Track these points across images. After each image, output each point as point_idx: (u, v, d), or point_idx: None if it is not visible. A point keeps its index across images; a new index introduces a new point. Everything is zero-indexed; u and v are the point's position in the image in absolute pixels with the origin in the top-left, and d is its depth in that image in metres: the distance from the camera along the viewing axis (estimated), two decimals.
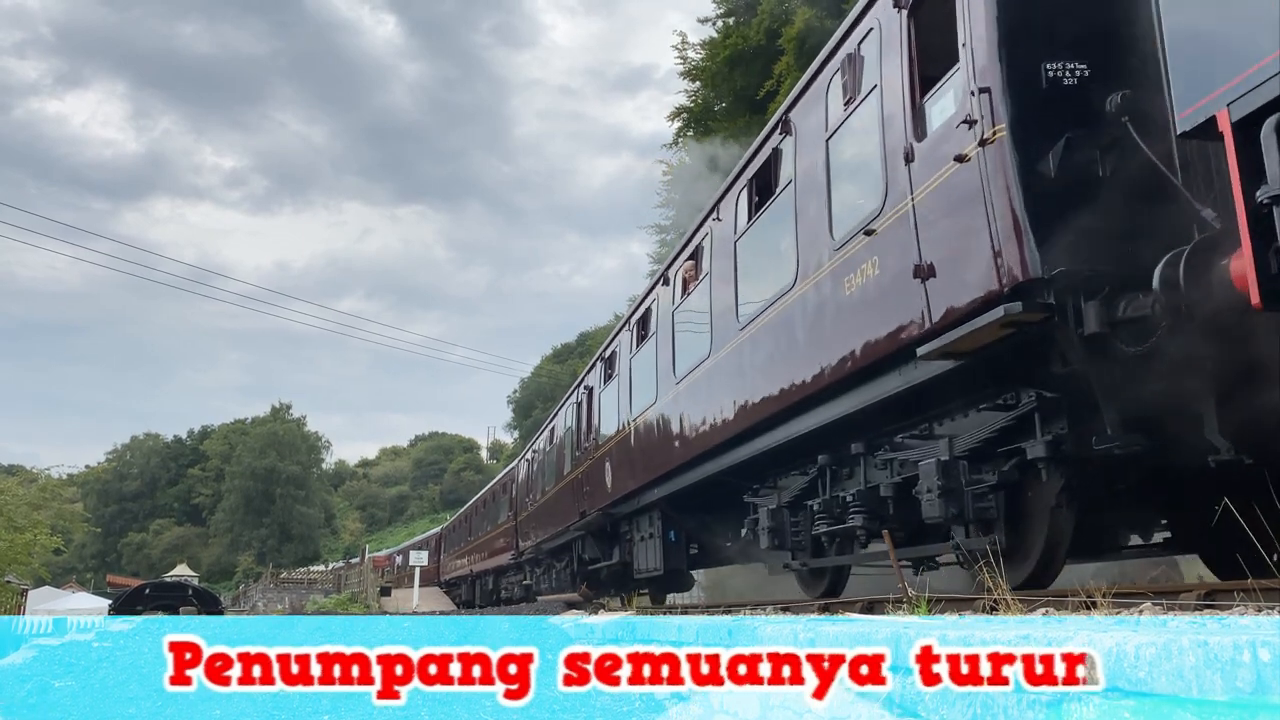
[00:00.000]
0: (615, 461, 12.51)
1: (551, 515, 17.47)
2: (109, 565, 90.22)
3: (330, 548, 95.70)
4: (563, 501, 16.26)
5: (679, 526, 11.03)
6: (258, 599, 46.70)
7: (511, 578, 24.59)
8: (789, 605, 7.47)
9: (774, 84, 24.39)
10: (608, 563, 13.86)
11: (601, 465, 13.20)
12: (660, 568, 11.04)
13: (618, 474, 12.39)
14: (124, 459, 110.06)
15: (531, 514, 20.00)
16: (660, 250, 35.52)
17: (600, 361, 14.11)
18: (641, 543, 11.95)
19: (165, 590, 28.58)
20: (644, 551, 11.75)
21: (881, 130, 5.62)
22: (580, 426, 15.24)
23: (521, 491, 21.82)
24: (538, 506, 19.24)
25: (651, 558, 11.37)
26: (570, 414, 16.30)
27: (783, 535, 7.87)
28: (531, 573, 21.35)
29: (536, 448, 20.53)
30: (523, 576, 22.48)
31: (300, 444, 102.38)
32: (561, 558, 17.54)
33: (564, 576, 17.23)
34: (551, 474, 17.85)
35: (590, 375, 14.97)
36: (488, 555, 26.94)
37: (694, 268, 9.71)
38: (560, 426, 17.39)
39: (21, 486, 35.65)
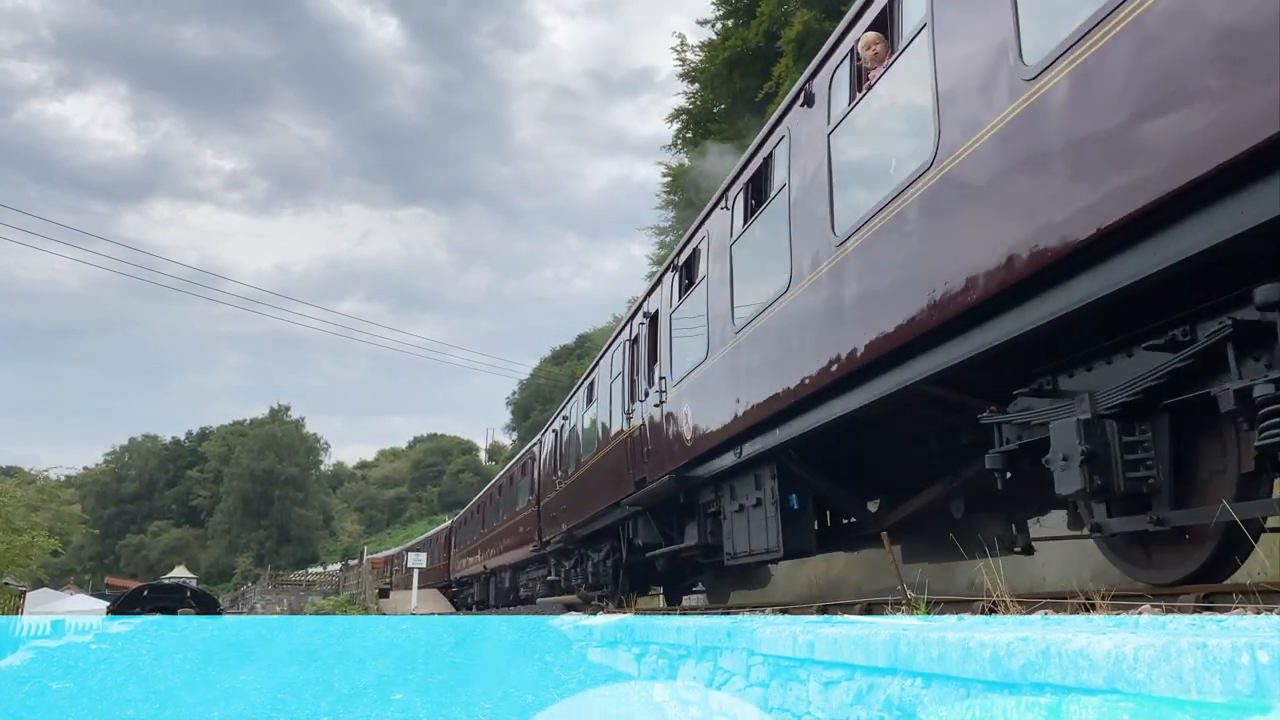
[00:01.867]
0: (700, 403, 9.03)
1: (588, 493, 14.13)
2: (107, 567, 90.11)
3: (329, 549, 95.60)
4: (606, 473, 12.91)
5: (803, 488, 7.76)
6: (256, 601, 46.66)
7: (533, 573, 21.34)
8: (787, 607, 7.46)
9: (773, 86, 24.41)
10: (675, 547, 10.78)
11: (676, 413, 9.76)
12: (779, 547, 7.74)
13: (704, 419, 8.89)
14: (122, 461, 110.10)
15: (560, 494, 16.57)
16: (660, 252, 35.51)
17: (672, 271, 10.32)
18: (740, 515, 8.57)
19: (164, 592, 28.58)
20: (747, 527, 8.37)
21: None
22: (635, 370, 11.82)
23: (546, 469, 18.37)
24: (569, 485, 15.83)
25: (762, 534, 7.99)
26: (620, 358, 12.69)
27: (1109, 467, 4.32)
28: (558, 567, 18.12)
29: (566, 414, 16.93)
30: (546, 571, 19.32)
31: (299, 445, 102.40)
32: (600, 546, 14.51)
33: (604, 569, 14.25)
34: (589, 440, 14.41)
35: (653, 297, 11.23)
36: (504, 549, 23.65)
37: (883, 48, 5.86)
38: (603, 378, 13.75)
39: (20, 488, 35.60)
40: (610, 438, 12.80)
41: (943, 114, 4.90)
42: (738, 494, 8.68)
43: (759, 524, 8.09)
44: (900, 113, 5.64)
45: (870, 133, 6.16)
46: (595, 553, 14.81)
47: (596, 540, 14.72)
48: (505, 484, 24.85)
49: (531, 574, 21.42)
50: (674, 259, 10.35)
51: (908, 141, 5.42)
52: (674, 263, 10.30)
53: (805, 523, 7.81)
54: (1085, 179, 3.89)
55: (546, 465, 18.50)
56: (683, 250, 10.02)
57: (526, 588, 21.94)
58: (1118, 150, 3.72)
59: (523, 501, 21.14)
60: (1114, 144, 3.73)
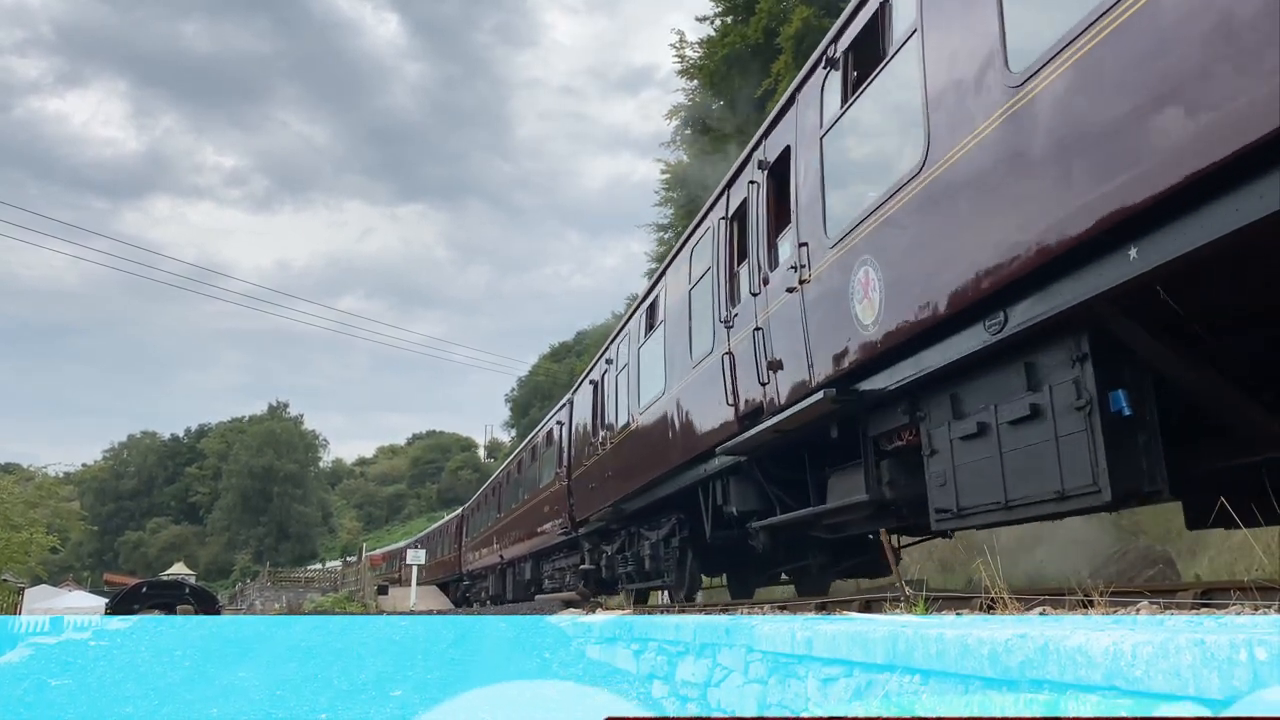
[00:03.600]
0: (909, 254, 5.25)
1: (648, 451, 10.61)
2: (106, 564, 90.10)
3: (328, 546, 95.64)
4: (681, 419, 9.46)
5: (1138, 377, 4.27)
6: (255, 598, 46.69)
7: (560, 561, 17.70)
8: (786, 604, 7.47)
9: (771, 83, 24.40)
10: (817, 509, 6.95)
11: (837, 288, 5.98)
12: (1097, 483, 4.17)
13: (915, 277, 5.17)
14: (121, 458, 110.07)
15: (603, 460, 12.79)
16: (660, 250, 35.51)
17: (829, 68, 6.36)
18: (976, 442, 4.99)
19: (162, 589, 28.66)
20: (998, 459, 4.81)
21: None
22: (738, 257, 8.17)
23: (581, 433, 14.70)
24: (617, 445, 12.05)
25: (1044, 467, 4.48)
26: (707, 248, 8.83)
27: None
28: (595, 552, 14.59)
29: (611, 357, 13.02)
30: (578, 559, 15.70)
31: (298, 442, 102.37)
32: (659, 521, 11.11)
33: (665, 552, 10.90)
34: (650, 380, 10.69)
35: (779, 132, 7.32)
36: (524, 535, 19.94)
37: None
38: (673, 291, 9.93)
39: (18, 485, 35.64)
40: (691, 366, 9.05)
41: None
42: (974, 404, 5.09)
43: (1035, 450, 4.58)
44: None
45: None
46: (651, 531, 11.52)
47: (654, 515, 11.33)
48: (526, 458, 20.88)
49: (559, 562, 17.98)
50: (828, 47, 6.35)
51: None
52: (827, 55, 6.34)
53: (1146, 437, 4.21)
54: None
55: (581, 428, 14.83)
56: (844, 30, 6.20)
57: (553, 579, 18.29)
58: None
59: (548, 477, 17.64)
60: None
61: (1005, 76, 4.32)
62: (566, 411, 16.46)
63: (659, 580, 11.39)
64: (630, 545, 12.55)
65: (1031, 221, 4.15)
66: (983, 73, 4.52)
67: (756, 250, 7.55)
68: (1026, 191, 4.20)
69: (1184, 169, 3.33)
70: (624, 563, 12.73)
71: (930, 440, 5.41)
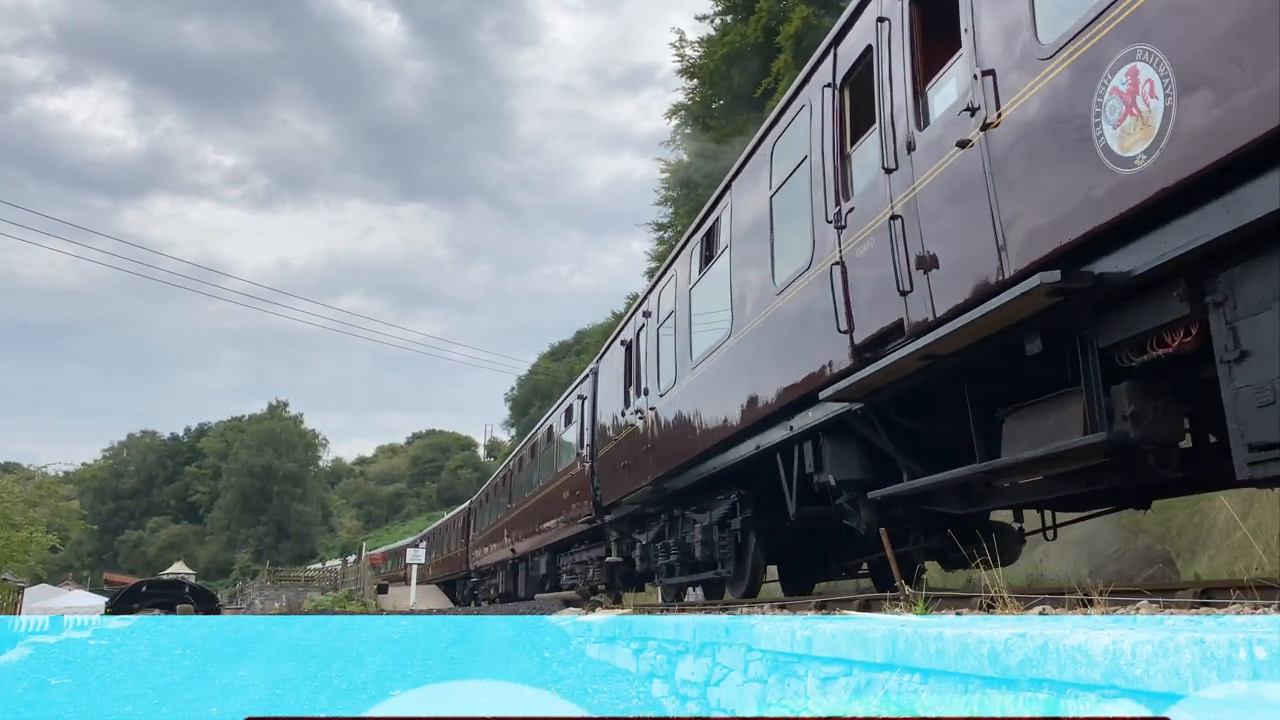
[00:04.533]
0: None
1: (703, 415, 8.82)
2: (106, 563, 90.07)
3: (327, 545, 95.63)
4: (758, 365, 7.51)
5: None
6: (255, 597, 46.65)
7: (582, 554, 15.75)
8: (785, 603, 7.46)
9: (771, 82, 24.40)
10: (987, 466, 4.99)
11: (1081, 107, 3.90)
12: None
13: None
14: (121, 457, 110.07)
15: (638, 434, 10.99)
16: (660, 248, 35.49)
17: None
18: None
19: (162, 588, 28.67)
20: None
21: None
22: (893, 93, 5.64)
23: (609, 407, 13.00)
24: (657, 412, 10.31)
25: None
26: (809, 125, 6.77)
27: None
28: (624, 542, 12.80)
29: (649, 309, 10.96)
30: (603, 550, 13.95)
31: (297, 441, 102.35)
32: (716, 501, 9.19)
33: (723, 538, 8.95)
34: (711, 323, 8.68)
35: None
36: (539, 526, 18.00)
37: None
38: (763, 183, 7.69)
39: (18, 484, 35.60)
40: (775, 293, 7.17)
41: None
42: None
43: None
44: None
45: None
46: (701, 513, 9.55)
47: (705, 494, 9.47)
48: (540, 442, 18.96)
49: (579, 555, 15.98)
50: None
51: None
52: None
53: None
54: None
55: (609, 400, 12.89)
56: None
57: (572, 574, 16.27)
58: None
59: (567, 459, 15.72)
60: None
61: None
62: (589, 384, 14.30)
63: (710, 572, 9.42)
64: (672, 531, 10.53)
65: None
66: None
67: (891, 110, 5.56)
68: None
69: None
70: (663, 553, 10.66)
71: (1236, 336, 3.47)
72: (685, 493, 9.97)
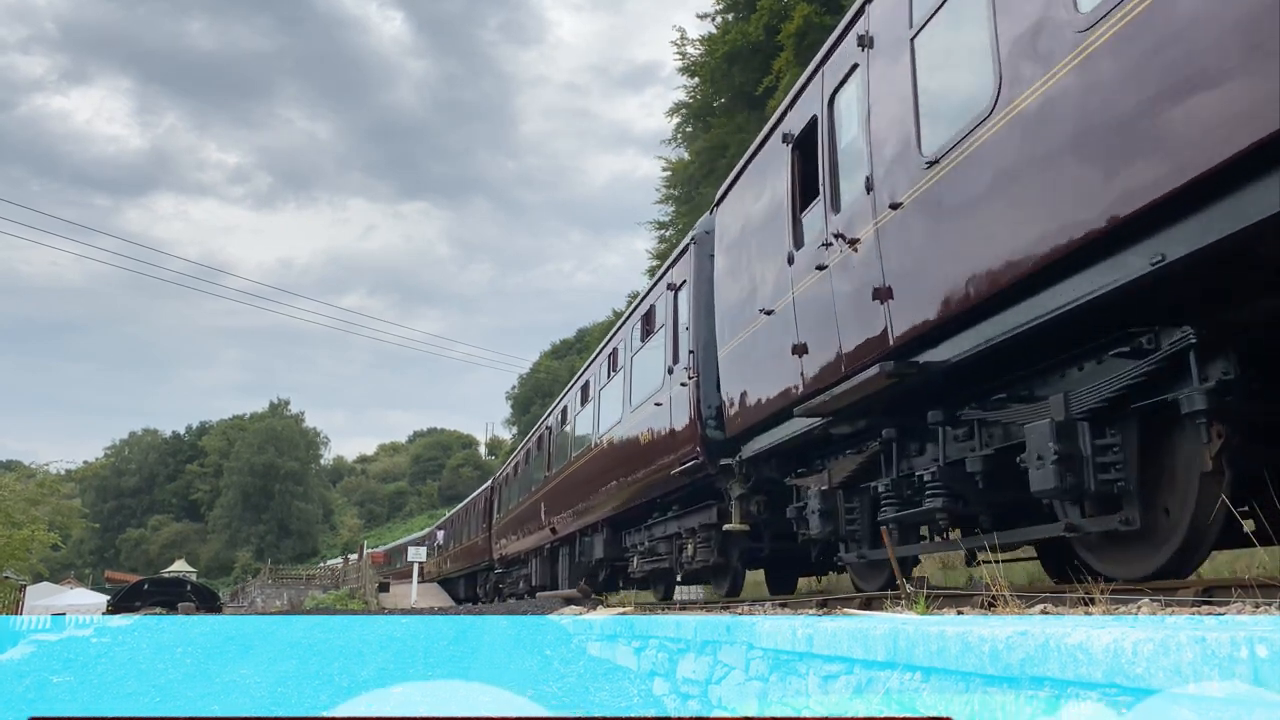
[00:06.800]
0: None
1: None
2: (107, 561, 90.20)
3: (329, 544, 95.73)
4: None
5: None
6: (256, 595, 46.69)
7: (666, 525, 11.06)
8: (787, 602, 7.47)
9: (772, 80, 24.38)
10: None
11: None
12: None
13: None
14: (122, 455, 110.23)
15: (854, 272, 6.09)
16: (661, 247, 35.48)
17: None
18: None
19: (164, 586, 28.74)
20: None
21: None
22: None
23: (744, 271, 8.35)
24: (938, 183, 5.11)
25: None
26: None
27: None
28: (753, 500, 8.58)
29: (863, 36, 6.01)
30: (712, 515, 9.46)
31: (299, 440, 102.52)
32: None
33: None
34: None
35: None
36: (594, 493, 13.32)
37: None
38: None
39: (19, 482, 35.66)
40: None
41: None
42: None
43: None
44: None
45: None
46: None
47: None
48: (596, 377, 14.01)
49: (658, 529, 11.28)
50: None
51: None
52: None
53: None
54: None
55: (750, 254, 8.06)
56: None
57: (650, 556, 11.47)
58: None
59: (647, 387, 10.95)
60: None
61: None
62: (688, 261, 9.66)
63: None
64: (891, 465, 6.19)
65: None
66: None
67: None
68: None
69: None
70: (868, 507, 6.72)
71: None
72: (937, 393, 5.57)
